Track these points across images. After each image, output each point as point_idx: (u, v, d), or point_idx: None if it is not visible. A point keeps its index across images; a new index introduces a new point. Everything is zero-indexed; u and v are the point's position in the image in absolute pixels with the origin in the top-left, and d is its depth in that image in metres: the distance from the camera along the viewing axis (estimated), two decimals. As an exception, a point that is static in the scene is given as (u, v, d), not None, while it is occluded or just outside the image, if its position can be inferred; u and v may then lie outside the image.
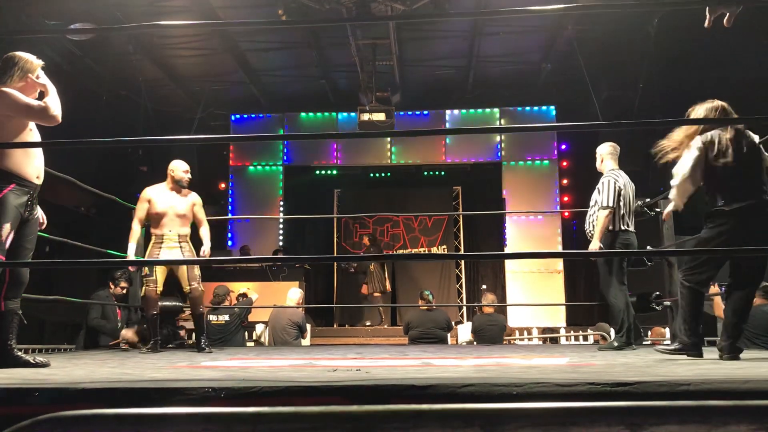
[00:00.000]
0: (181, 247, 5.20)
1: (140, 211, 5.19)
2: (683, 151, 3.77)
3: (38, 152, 3.43)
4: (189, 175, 5.34)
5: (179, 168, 5.29)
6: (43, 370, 3.08)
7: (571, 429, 0.94)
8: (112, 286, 6.86)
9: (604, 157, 5.21)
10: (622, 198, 4.93)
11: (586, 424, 0.94)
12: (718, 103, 3.87)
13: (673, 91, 9.84)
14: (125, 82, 10.91)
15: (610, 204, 4.86)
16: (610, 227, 4.89)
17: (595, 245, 4.81)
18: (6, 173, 3.23)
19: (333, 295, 12.37)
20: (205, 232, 5.35)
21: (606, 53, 9.86)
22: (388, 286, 11.36)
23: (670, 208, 3.93)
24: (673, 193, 3.79)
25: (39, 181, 3.41)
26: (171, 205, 5.21)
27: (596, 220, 4.90)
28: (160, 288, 5.21)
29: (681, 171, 3.71)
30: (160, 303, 5.34)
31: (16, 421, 1.05)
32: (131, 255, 5.08)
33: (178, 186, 5.27)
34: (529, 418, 0.93)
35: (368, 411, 0.93)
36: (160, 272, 5.19)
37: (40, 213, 3.55)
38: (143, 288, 5.19)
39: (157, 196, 5.22)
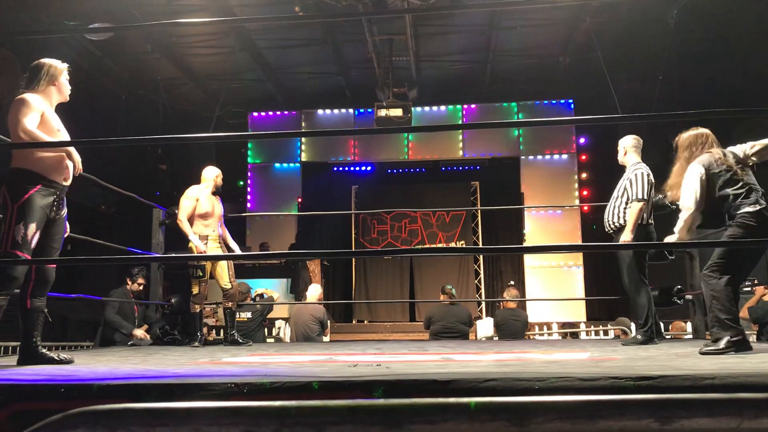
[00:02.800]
0: (220, 246, 5.57)
1: (189, 208, 5.48)
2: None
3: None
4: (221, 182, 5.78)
5: (221, 175, 5.74)
6: (67, 367, 3.12)
7: (600, 422, 0.93)
8: (130, 282, 6.91)
9: (627, 149, 5.10)
10: (652, 191, 4.89)
11: (615, 417, 0.94)
12: (702, 129, 4.06)
13: (692, 83, 9.74)
14: (144, 82, 10.99)
15: (645, 196, 4.78)
16: (641, 221, 4.81)
17: (627, 237, 4.70)
18: (33, 174, 3.28)
19: (351, 291, 12.40)
20: (227, 234, 5.76)
21: (625, 46, 9.77)
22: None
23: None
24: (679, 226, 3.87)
25: (67, 183, 3.45)
26: (214, 207, 5.57)
27: (628, 211, 4.80)
28: (207, 287, 5.58)
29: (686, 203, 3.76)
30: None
31: (43, 417, 1.06)
32: (200, 245, 5.38)
33: (216, 191, 5.67)
34: (558, 411, 0.93)
35: (395, 404, 0.93)
36: (208, 272, 5.53)
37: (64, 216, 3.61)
38: (196, 287, 5.48)
39: (202, 197, 5.53)
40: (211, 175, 5.69)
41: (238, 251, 5.85)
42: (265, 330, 8.52)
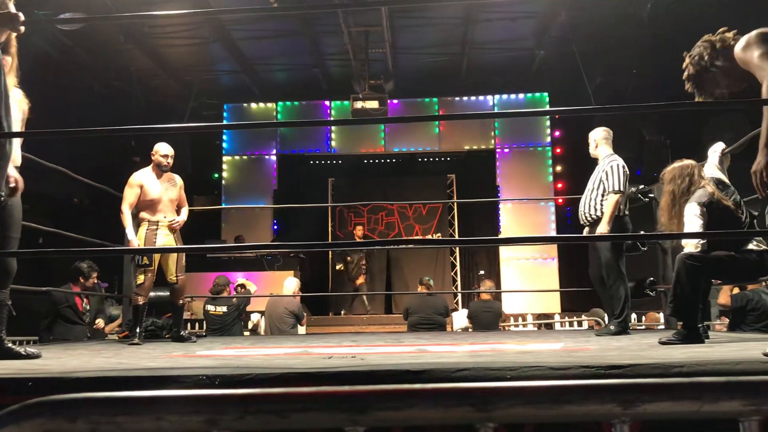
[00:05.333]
0: (174, 234, 5.11)
1: (131, 196, 5.02)
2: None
3: None
4: (168, 161, 5.14)
5: (158, 151, 5.12)
6: (36, 361, 3.06)
7: (564, 407, 0.94)
8: (83, 280, 6.59)
9: (598, 142, 5.12)
10: (627, 183, 4.93)
11: (579, 402, 0.95)
12: (686, 161, 4.08)
13: (666, 75, 9.84)
14: (117, 73, 10.85)
15: (622, 188, 4.80)
16: (617, 212, 4.83)
17: (604, 229, 4.73)
18: None
19: (328, 284, 12.38)
20: (184, 212, 5.26)
21: (599, 39, 9.85)
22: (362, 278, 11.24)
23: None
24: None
25: None
26: (164, 191, 5.10)
27: (605, 203, 4.82)
28: (154, 277, 5.08)
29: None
30: (152, 293, 5.26)
31: (10, 412, 1.05)
32: (134, 239, 4.97)
33: (160, 170, 5.11)
34: (522, 396, 0.93)
35: (360, 391, 0.93)
36: (156, 261, 5.06)
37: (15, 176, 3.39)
38: (142, 276, 5.01)
39: (148, 182, 5.07)
40: (153, 152, 5.16)
41: (182, 215, 5.22)
42: (242, 324, 8.48)
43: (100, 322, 6.83)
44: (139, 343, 4.80)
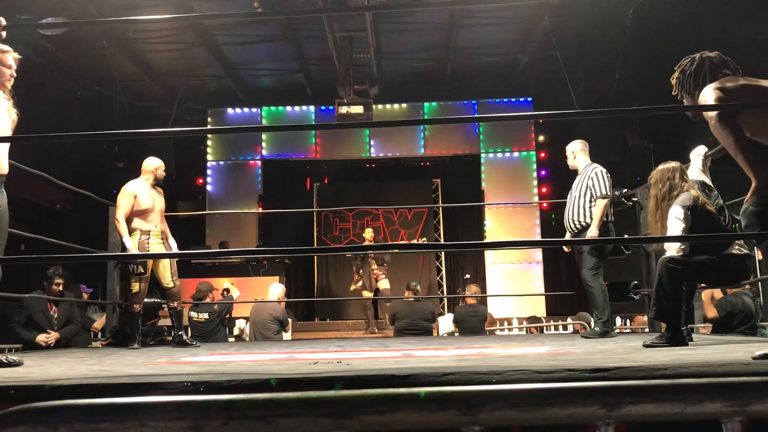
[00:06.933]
0: (163, 242, 5.33)
1: (127, 206, 5.21)
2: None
3: None
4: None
5: (162, 166, 5.47)
6: (18, 369, 3.03)
7: (548, 410, 0.95)
8: (55, 287, 6.49)
9: (576, 153, 5.29)
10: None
11: (563, 405, 0.95)
12: (671, 164, 4.13)
13: (649, 80, 9.94)
14: (100, 78, 10.76)
15: (609, 192, 4.95)
16: (604, 218, 4.95)
17: (593, 233, 4.84)
18: None
19: (313, 289, 12.35)
20: (167, 230, 5.50)
21: (582, 44, 9.90)
22: (380, 285, 10.67)
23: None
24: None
25: None
26: (155, 202, 5.32)
27: (593, 209, 4.93)
28: (147, 286, 5.31)
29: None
30: (152, 300, 5.50)
31: (-9, 420, 1.03)
32: (132, 248, 5.14)
33: (157, 183, 5.41)
34: (506, 399, 0.93)
35: (345, 396, 0.93)
36: (149, 269, 5.27)
37: None
38: (137, 285, 5.21)
39: (141, 193, 5.28)
40: (151, 166, 5.40)
41: (175, 249, 5.54)
42: (226, 330, 8.43)
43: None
44: (138, 347, 5.04)
